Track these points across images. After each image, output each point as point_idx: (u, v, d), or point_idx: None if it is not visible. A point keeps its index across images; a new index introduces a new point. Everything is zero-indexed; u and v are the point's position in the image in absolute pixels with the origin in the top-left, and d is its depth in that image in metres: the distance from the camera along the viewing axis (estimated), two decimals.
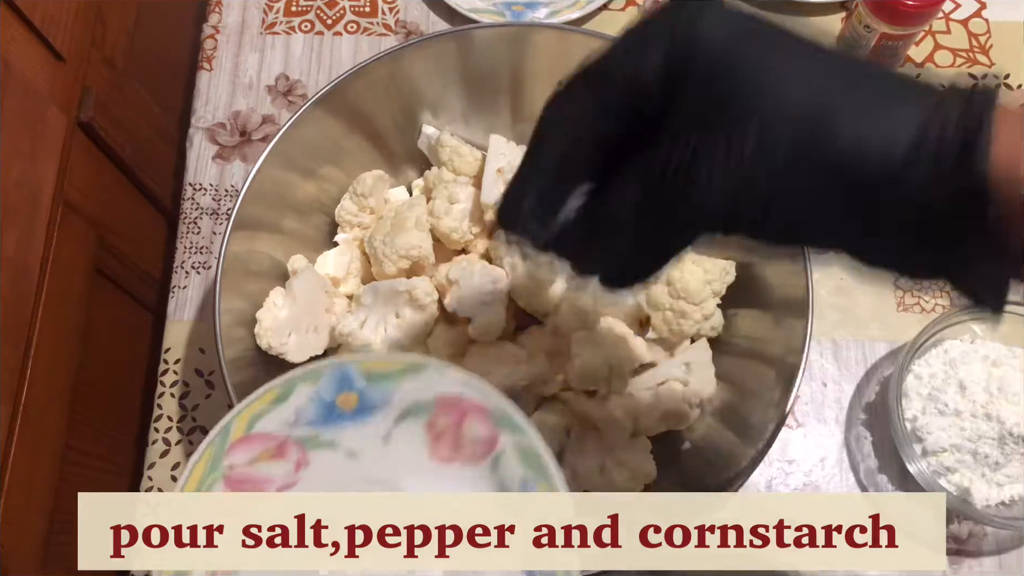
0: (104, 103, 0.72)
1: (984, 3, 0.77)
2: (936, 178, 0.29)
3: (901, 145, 0.29)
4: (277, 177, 0.58)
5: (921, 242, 0.31)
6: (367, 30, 0.77)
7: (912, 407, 0.61)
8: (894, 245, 0.31)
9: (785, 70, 0.30)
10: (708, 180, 0.30)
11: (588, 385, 0.55)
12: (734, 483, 0.50)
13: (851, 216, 0.31)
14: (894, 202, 0.30)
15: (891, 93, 0.30)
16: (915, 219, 0.30)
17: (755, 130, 0.30)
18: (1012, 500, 0.59)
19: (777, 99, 0.30)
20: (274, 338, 0.56)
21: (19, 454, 0.58)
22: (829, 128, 0.29)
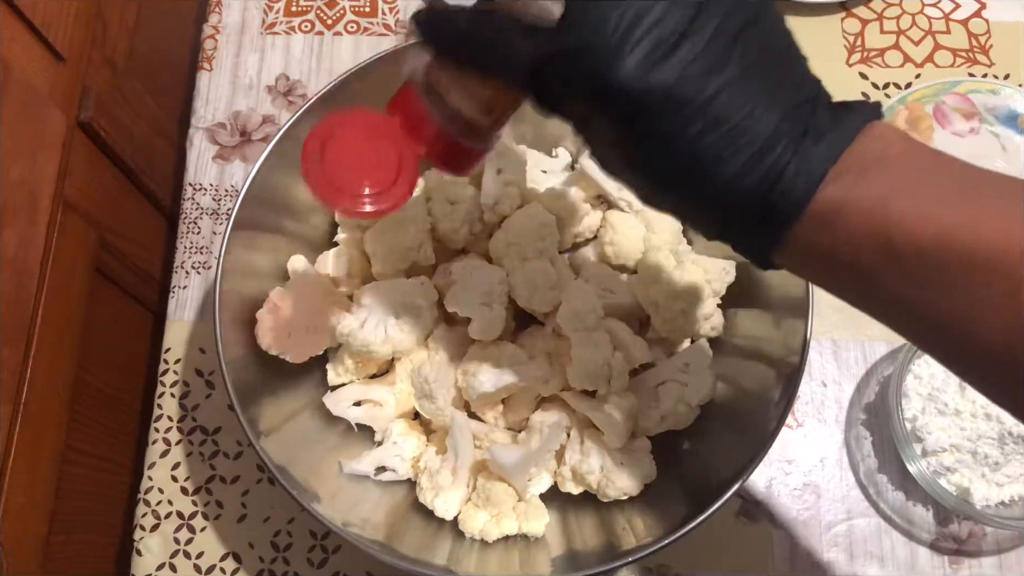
0: (104, 103, 0.72)
1: (984, 3, 0.77)
2: (756, 187, 0.32)
3: (751, 147, 0.31)
4: (277, 177, 0.58)
5: (711, 219, 0.35)
6: (367, 30, 0.77)
7: (912, 407, 0.61)
8: (691, 209, 0.35)
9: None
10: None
11: (588, 385, 0.55)
12: (734, 483, 0.50)
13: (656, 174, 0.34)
14: (714, 188, 0.33)
15: (766, 88, 0.32)
16: (724, 206, 0.33)
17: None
18: (1012, 500, 0.59)
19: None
20: (274, 338, 0.56)
21: (19, 454, 0.58)
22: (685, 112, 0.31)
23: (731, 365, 0.58)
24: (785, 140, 0.31)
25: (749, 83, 0.31)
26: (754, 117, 0.31)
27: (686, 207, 0.35)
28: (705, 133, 0.31)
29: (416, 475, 0.58)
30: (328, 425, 0.59)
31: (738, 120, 0.31)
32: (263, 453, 0.51)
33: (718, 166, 0.32)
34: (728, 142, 0.31)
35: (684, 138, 0.32)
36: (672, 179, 0.34)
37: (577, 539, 0.57)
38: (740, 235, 0.35)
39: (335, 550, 0.62)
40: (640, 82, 0.31)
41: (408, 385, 0.60)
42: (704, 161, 0.32)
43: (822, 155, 0.31)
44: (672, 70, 0.31)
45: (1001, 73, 0.75)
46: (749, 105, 0.31)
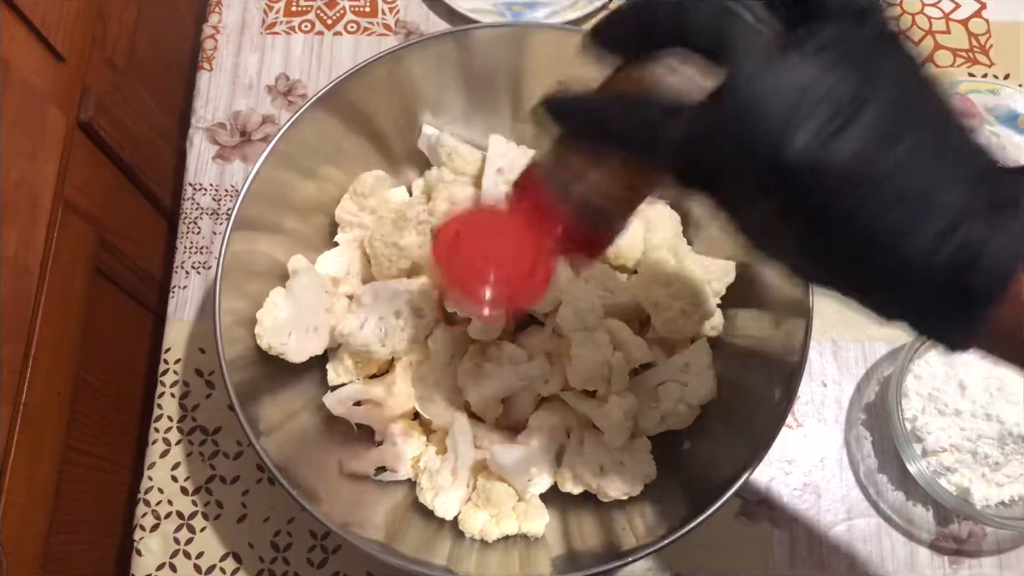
0: (104, 103, 0.72)
1: (984, 3, 0.77)
2: (948, 264, 0.29)
3: (931, 232, 0.29)
4: (277, 177, 0.58)
5: (905, 302, 0.32)
6: (367, 30, 0.77)
7: (912, 407, 0.61)
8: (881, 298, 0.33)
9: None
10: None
11: (588, 385, 0.55)
12: (734, 483, 0.50)
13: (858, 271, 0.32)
14: (908, 276, 0.30)
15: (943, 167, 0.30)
16: (916, 290, 0.30)
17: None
18: (1012, 500, 0.59)
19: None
20: (274, 338, 0.56)
21: (19, 454, 0.58)
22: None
23: (731, 365, 0.58)
24: (976, 214, 0.29)
25: (926, 155, 0.29)
26: (938, 190, 0.29)
27: (867, 289, 0.33)
28: (888, 209, 0.29)
29: (416, 475, 0.58)
30: (328, 425, 0.59)
31: (921, 194, 0.29)
32: (263, 453, 0.51)
33: (903, 244, 0.29)
34: (913, 217, 0.29)
35: (864, 216, 0.29)
36: (852, 261, 0.31)
37: (577, 539, 0.57)
38: (931, 319, 0.32)
39: (335, 550, 0.62)
40: (815, 159, 0.29)
41: (408, 385, 0.59)
42: (887, 239, 0.29)
43: (1020, 228, 0.29)
44: (848, 145, 0.29)
45: (1001, 73, 0.75)
46: (930, 178, 0.29)
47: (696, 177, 0.33)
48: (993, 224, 0.29)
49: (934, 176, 0.29)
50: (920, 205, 0.29)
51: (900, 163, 0.29)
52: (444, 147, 0.63)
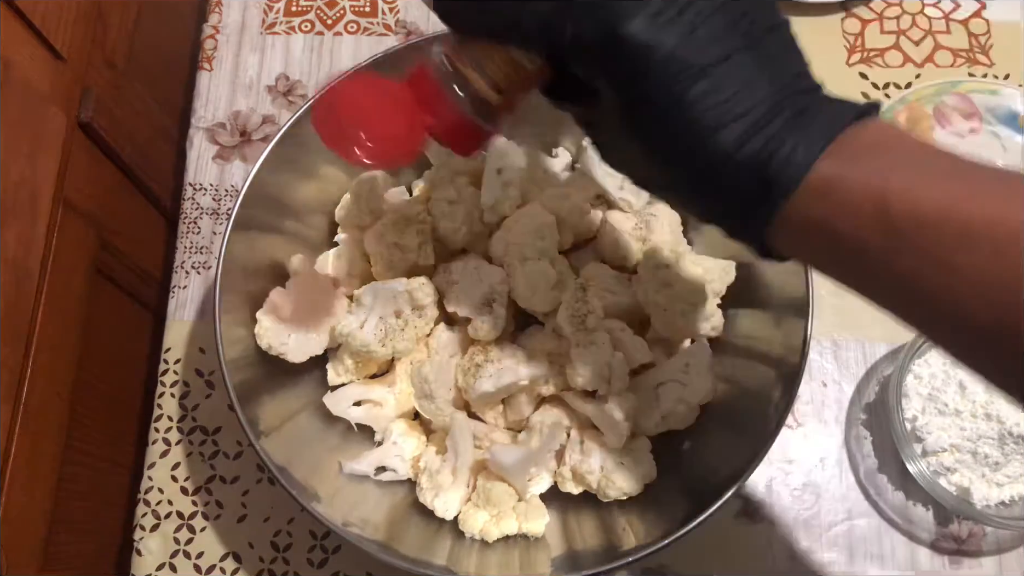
0: (104, 103, 0.72)
1: (984, 3, 0.77)
2: (754, 157, 0.32)
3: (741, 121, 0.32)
4: (277, 177, 0.58)
5: (708, 194, 0.35)
6: (367, 30, 0.77)
7: (912, 407, 0.61)
8: (683, 185, 0.36)
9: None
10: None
11: (588, 385, 0.55)
12: (734, 483, 0.50)
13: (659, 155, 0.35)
14: (707, 161, 0.33)
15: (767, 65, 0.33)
16: (717, 179, 0.34)
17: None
18: (1012, 500, 0.59)
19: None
20: (274, 338, 0.56)
21: (19, 454, 0.58)
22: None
23: (731, 365, 0.58)
24: (784, 115, 0.32)
25: (751, 59, 0.32)
26: (753, 89, 0.32)
27: (682, 183, 0.36)
28: (704, 98, 0.32)
29: (416, 475, 0.58)
30: (328, 425, 0.59)
31: (737, 90, 0.32)
32: (263, 453, 0.51)
33: (716, 134, 0.32)
34: (727, 110, 0.32)
35: (684, 101, 0.32)
36: (670, 147, 0.34)
37: (577, 539, 0.57)
38: (736, 213, 0.35)
39: (335, 550, 0.62)
40: (647, 36, 0.32)
41: (408, 385, 0.59)
42: (702, 128, 0.32)
43: (820, 131, 0.32)
44: (679, 30, 0.32)
45: (1001, 73, 0.75)
46: (749, 78, 0.32)
47: (555, 59, 0.36)
48: (796, 126, 0.32)
49: (749, 78, 0.32)
50: (734, 100, 0.32)
51: (722, 59, 0.32)
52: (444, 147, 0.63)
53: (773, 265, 0.56)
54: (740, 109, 0.32)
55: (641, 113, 0.34)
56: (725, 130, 0.32)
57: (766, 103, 0.32)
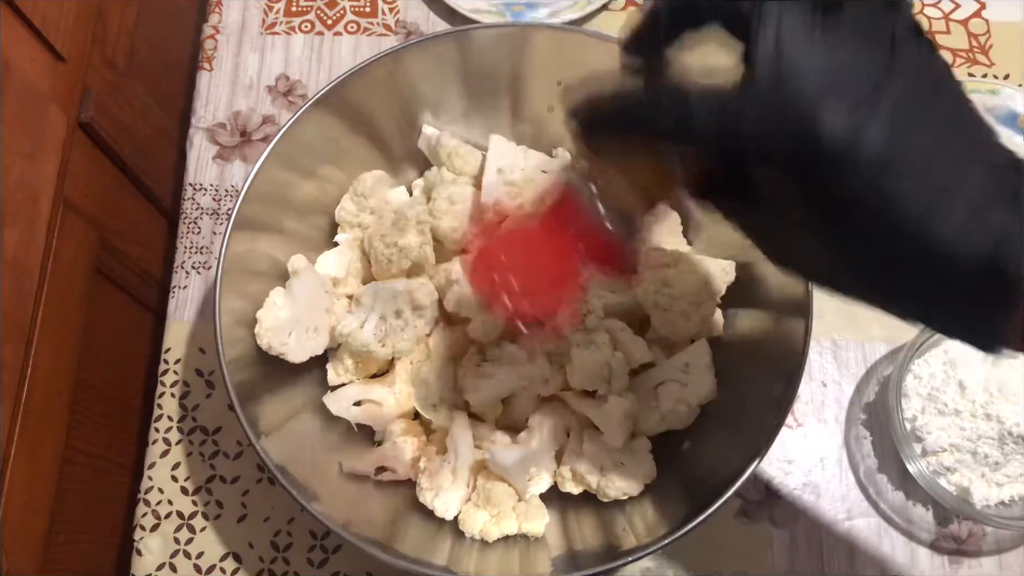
0: (104, 103, 0.72)
1: (984, 3, 0.77)
2: (979, 249, 0.28)
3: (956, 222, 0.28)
4: (277, 177, 0.58)
5: (936, 294, 0.31)
6: (367, 30, 0.77)
7: (912, 407, 0.61)
8: (904, 294, 0.32)
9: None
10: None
11: (588, 385, 0.55)
12: (734, 483, 0.50)
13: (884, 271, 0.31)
14: (936, 269, 0.29)
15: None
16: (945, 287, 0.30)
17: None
18: (1012, 500, 0.59)
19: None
20: (274, 338, 0.56)
21: (19, 454, 0.58)
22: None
23: (731, 365, 0.58)
24: (999, 200, 0.29)
25: (950, 140, 0.29)
26: (964, 175, 0.29)
27: (896, 287, 0.32)
28: (917, 193, 0.28)
29: (416, 475, 0.58)
30: (328, 425, 0.59)
31: (948, 178, 0.28)
32: (263, 453, 0.51)
33: (933, 226, 0.28)
34: (942, 199, 0.28)
35: (897, 197, 0.28)
36: (882, 248, 0.30)
37: (577, 539, 0.57)
38: (962, 311, 0.31)
39: (335, 550, 0.62)
40: (850, 137, 0.28)
41: (408, 385, 0.60)
42: (917, 225, 0.28)
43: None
44: (881, 125, 0.28)
45: (1001, 73, 0.75)
46: (956, 163, 0.29)
47: (723, 166, 0.32)
48: (1015, 211, 0.28)
49: (959, 162, 0.29)
50: (947, 189, 0.28)
51: (928, 147, 0.28)
52: (444, 147, 0.63)
53: (792, 275, 0.57)
54: (956, 197, 0.28)
55: (840, 214, 0.30)
56: (943, 222, 0.28)
57: (981, 187, 0.29)
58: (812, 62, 0.28)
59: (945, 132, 0.29)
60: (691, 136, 0.31)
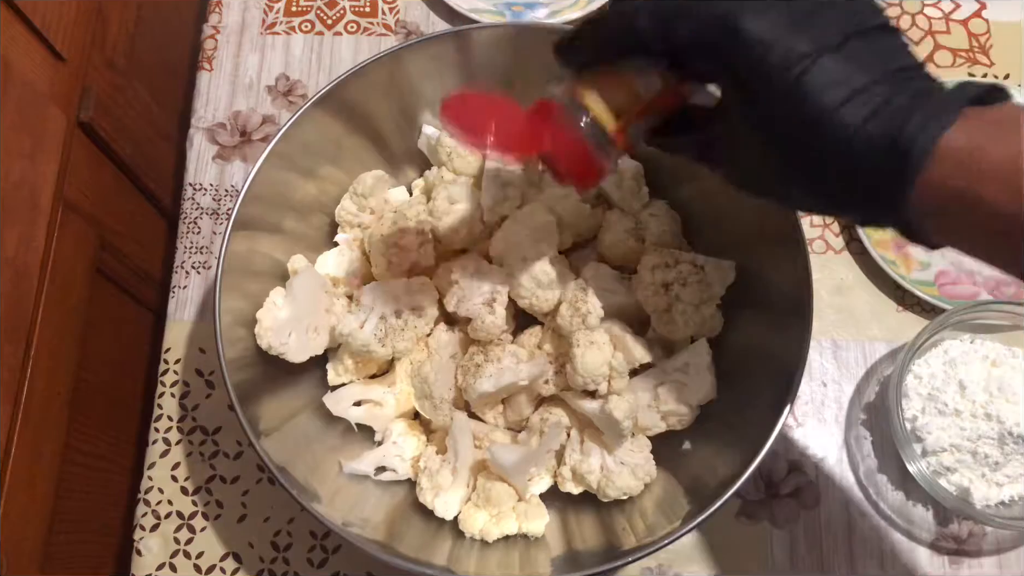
0: (104, 103, 0.72)
1: (984, 3, 0.77)
2: (884, 131, 0.33)
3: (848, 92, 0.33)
4: (277, 177, 0.58)
5: (840, 179, 0.35)
6: (367, 30, 0.77)
7: (912, 407, 0.61)
8: (796, 177, 0.37)
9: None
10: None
11: (588, 385, 0.55)
12: (734, 483, 0.50)
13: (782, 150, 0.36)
14: (828, 144, 0.34)
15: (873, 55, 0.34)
16: (835, 165, 0.34)
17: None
18: (1012, 500, 0.59)
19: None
20: (274, 338, 0.56)
21: (19, 454, 0.58)
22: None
23: (731, 365, 0.58)
24: (906, 93, 0.33)
25: (866, 47, 0.34)
26: (871, 71, 0.33)
27: (812, 174, 0.36)
28: (823, 80, 0.33)
29: (416, 475, 0.58)
30: (328, 425, 0.59)
31: (855, 71, 0.33)
32: (263, 453, 0.51)
33: (839, 112, 0.33)
34: (848, 89, 0.33)
35: (804, 84, 0.33)
36: (795, 135, 0.35)
37: (577, 539, 0.57)
38: (873, 194, 0.35)
39: (335, 550, 0.62)
40: (763, 29, 0.34)
41: (408, 385, 0.60)
42: (824, 108, 0.33)
43: (947, 105, 0.32)
44: (793, 19, 0.34)
45: (1001, 73, 0.75)
46: (867, 63, 0.34)
47: (674, 59, 0.38)
48: (917, 103, 0.33)
49: (867, 63, 0.34)
50: (853, 81, 0.33)
51: (837, 45, 0.34)
52: (444, 147, 0.63)
53: (773, 265, 0.57)
54: (859, 86, 0.33)
55: (762, 103, 0.35)
56: (848, 106, 0.33)
57: (886, 83, 0.33)
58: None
59: (860, 38, 0.34)
60: (639, 38, 0.38)
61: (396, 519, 0.57)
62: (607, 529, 0.56)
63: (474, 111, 0.43)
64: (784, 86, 0.34)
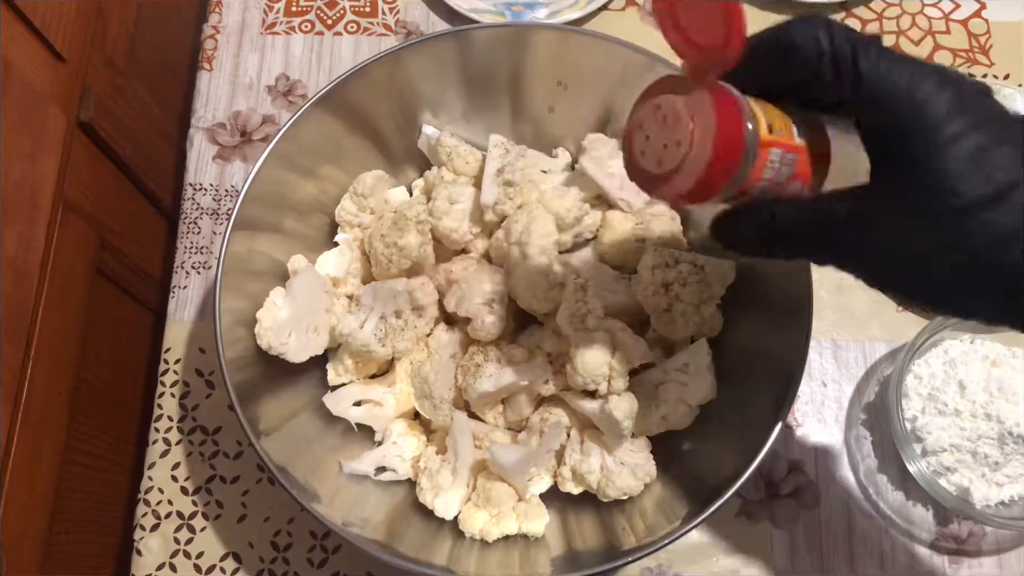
0: (104, 103, 0.72)
1: (984, 3, 0.77)
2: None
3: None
4: (277, 177, 0.58)
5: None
6: (367, 30, 0.77)
7: (912, 407, 0.61)
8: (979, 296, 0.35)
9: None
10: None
11: (588, 385, 0.55)
12: (734, 483, 0.50)
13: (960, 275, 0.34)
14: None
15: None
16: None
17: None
18: (1012, 500, 0.59)
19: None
20: (274, 338, 0.56)
21: (19, 454, 0.58)
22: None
23: (731, 365, 0.58)
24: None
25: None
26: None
27: (986, 291, 0.35)
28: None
29: (416, 475, 0.58)
30: (328, 425, 0.59)
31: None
32: (263, 453, 0.51)
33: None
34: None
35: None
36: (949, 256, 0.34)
37: (577, 539, 0.57)
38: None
39: (335, 550, 0.62)
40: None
41: (408, 385, 0.60)
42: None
43: None
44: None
45: (1001, 73, 0.75)
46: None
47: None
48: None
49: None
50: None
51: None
52: (444, 147, 0.63)
53: (773, 265, 0.57)
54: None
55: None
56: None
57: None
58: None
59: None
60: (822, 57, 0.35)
61: (396, 519, 0.57)
62: (607, 529, 0.56)
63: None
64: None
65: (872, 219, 0.35)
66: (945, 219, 0.33)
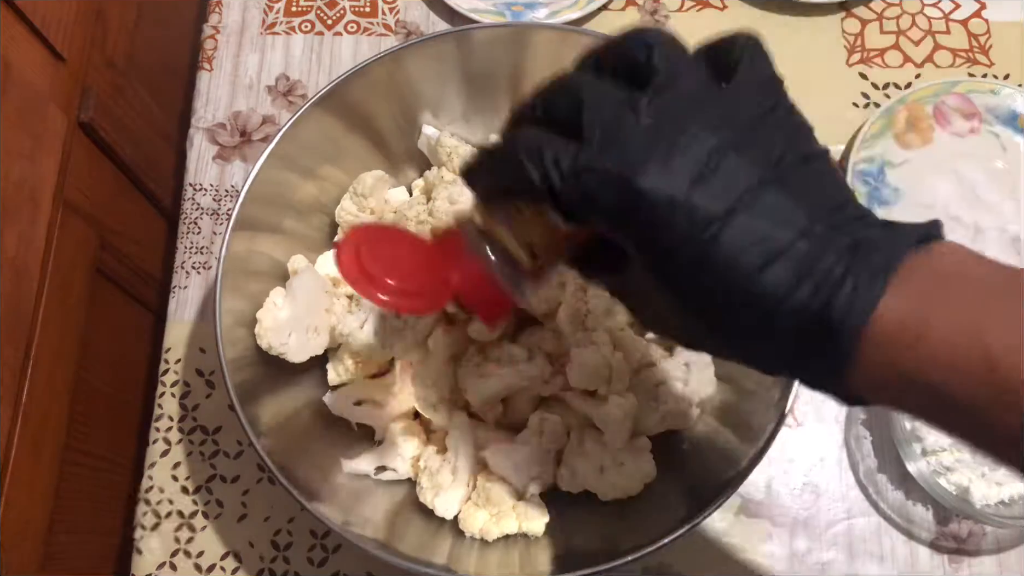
0: (104, 103, 0.72)
1: (984, 3, 0.77)
2: (810, 301, 0.28)
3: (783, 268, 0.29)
4: (277, 177, 0.58)
5: (764, 348, 0.31)
6: (367, 30, 0.77)
7: None
8: (742, 342, 0.32)
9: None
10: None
11: (588, 385, 0.55)
12: (734, 483, 0.50)
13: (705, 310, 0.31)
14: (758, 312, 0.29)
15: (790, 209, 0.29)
16: (770, 332, 0.30)
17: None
18: (1011, 499, 0.59)
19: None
20: (274, 338, 0.56)
21: (19, 454, 0.58)
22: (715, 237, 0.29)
23: (731, 365, 0.58)
24: (834, 248, 0.28)
25: (783, 193, 0.29)
26: (790, 224, 0.29)
27: (733, 339, 0.32)
28: (737, 243, 0.29)
29: (416, 475, 0.58)
30: (328, 425, 0.59)
31: (773, 227, 0.29)
32: (263, 453, 0.51)
33: (759, 279, 0.29)
34: (765, 250, 0.29)
35: (716, 250, 0.29)
36: (712, 303, 0.31)
37: (577, 539, 0.57)
38: (805, 365, 0.31)
39: (335, 549, 0.62)
40: (665, 186, 0.29)
41: (408, 385, 0.60)
42: (740, 276, 0.29)
43: (879, 263, 0.28)
44: (696, 172, 0.29)
45: (1001, 73, 0.75)
46: (784, 213, 0.29)
47: (573, 213, 0.32)
48: (847, 261, 0.28)
49: (784, 213, 0.29)
50: (770, 241, 0.29)
51: (748, 199, 0.29)
52: (444, 147, 0.63)
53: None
54: (781, 245, 0.28)
55: (671, 269, 0.30)
56: (770, 272, 0.28)
57: (812, 237, 0.29)
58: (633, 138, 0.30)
59: (775, 184, 0.29)
60: (531, 192, 0.32)
61: (396, 518, 0.57)
62: (607, 529, 0.56)
63: (375, 250, 0.38)
64: (695, 252, 0.29)
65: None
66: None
